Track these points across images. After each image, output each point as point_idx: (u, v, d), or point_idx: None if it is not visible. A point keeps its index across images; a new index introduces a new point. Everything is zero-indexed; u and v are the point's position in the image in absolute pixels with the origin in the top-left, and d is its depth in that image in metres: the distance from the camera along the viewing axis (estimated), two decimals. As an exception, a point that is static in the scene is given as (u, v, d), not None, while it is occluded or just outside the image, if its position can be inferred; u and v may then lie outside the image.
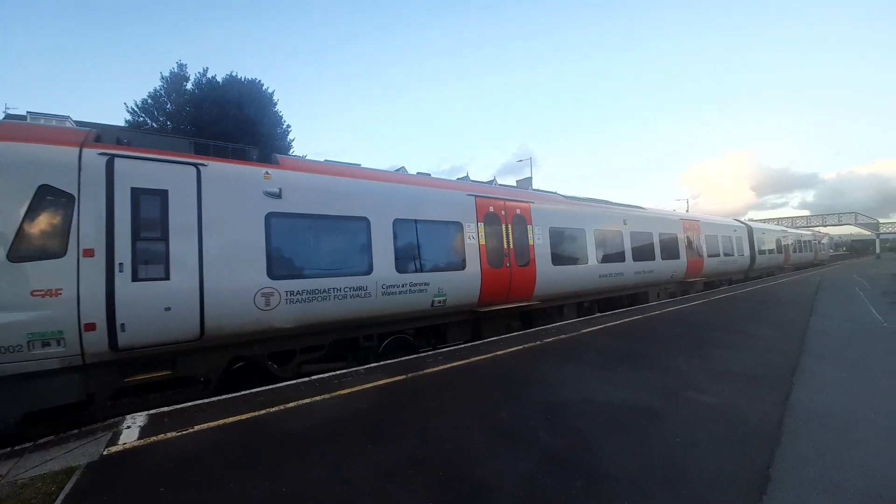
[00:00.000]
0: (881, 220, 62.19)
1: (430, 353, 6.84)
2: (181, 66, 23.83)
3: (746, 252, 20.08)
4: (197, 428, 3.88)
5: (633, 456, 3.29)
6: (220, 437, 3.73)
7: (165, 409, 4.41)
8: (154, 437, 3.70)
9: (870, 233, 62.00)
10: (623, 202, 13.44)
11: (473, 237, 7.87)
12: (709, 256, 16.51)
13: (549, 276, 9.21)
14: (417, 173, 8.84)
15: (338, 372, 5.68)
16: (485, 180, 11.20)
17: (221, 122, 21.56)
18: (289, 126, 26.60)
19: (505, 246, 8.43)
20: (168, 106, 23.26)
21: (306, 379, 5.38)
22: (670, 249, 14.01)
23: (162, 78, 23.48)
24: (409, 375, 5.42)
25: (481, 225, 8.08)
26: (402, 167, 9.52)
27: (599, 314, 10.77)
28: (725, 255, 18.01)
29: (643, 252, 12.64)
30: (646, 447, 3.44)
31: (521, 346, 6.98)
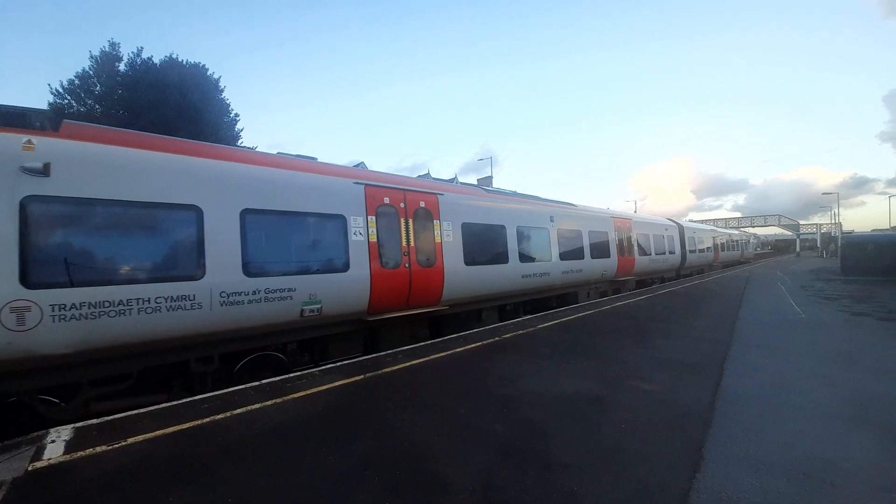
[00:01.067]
0: (801, 222, 69.83)
1: (388, 351, 6.70)
2: (113, 45, 21.76)
3: (678, 250, 20.34)
4: (130, 440, 3.56)
5: (582, 443, 3.46)
6: (158, 448, 3.45)
7: (94, 421, 3.99)
8: (82, 452, 3.35)
9: (791, 233, 69.34)
10: (552, 198, 12.89)
11: (361, 233, 6.72)
12: (640, 255, 16.27)
13: (460, 278, 8.27)
14: (297, 156, 7.37)
15: (290, 375, 5.44)
16: (446, 178, 11.18)
17: (160, 107, 19.97)
18: (237, 115, 25.20)
19: (404, 244, 7.37)
20: (97, 88, 21.19)
21: (256, 383, 5.09)
22: (601, 248, 13.53)
23: (91, 57, 21.33)
24: (367, 375, 5.32)
25: (372, 219, 6.93)
26: (362, 163, 9.28)
27: (549, 311, 10.97)
28: (657, 253, 17.84)
29: (572, 251, 12.11)
30: (594, 434, 3.62)
31: (480, 343, 7.09)
